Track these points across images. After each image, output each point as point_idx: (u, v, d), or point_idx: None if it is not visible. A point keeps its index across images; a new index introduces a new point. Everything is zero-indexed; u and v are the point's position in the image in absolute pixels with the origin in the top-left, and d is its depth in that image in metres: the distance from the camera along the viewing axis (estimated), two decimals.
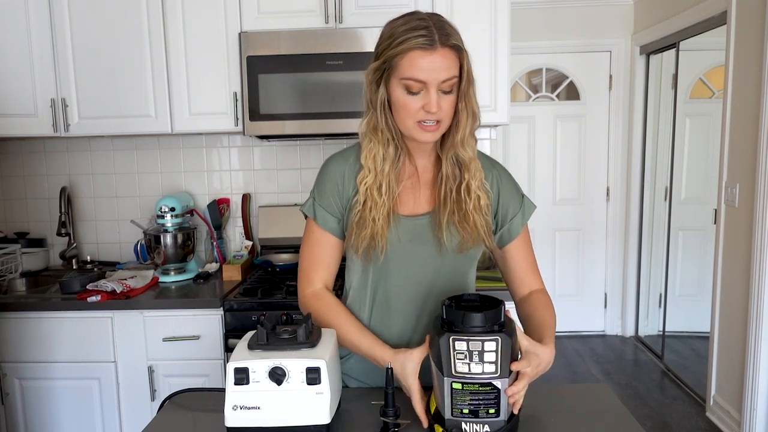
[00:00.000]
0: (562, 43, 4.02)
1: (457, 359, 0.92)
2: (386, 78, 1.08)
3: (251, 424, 0.94)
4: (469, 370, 0.91)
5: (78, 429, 2.08)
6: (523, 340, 0.99)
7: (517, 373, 0.95)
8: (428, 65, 1.03)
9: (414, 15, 1.08)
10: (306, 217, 1.22)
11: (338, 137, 2.47)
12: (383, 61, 1.07)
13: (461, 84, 1.07)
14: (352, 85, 2.12)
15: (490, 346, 0.91)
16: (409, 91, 1.06)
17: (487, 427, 0.92)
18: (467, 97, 1.08)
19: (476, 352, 0.91)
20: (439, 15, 1.09)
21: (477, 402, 0.92)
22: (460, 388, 0.92)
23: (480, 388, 0.92)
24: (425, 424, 1.00)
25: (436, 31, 1.03)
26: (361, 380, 1.25)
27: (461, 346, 0.92)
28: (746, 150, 2.59)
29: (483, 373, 0.91)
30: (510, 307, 1.14)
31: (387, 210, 1.12)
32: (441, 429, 0.95)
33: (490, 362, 0.91)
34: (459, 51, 1.06)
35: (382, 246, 1.12)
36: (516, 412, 0.95)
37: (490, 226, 1.17)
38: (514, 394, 0.93)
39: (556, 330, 1.12)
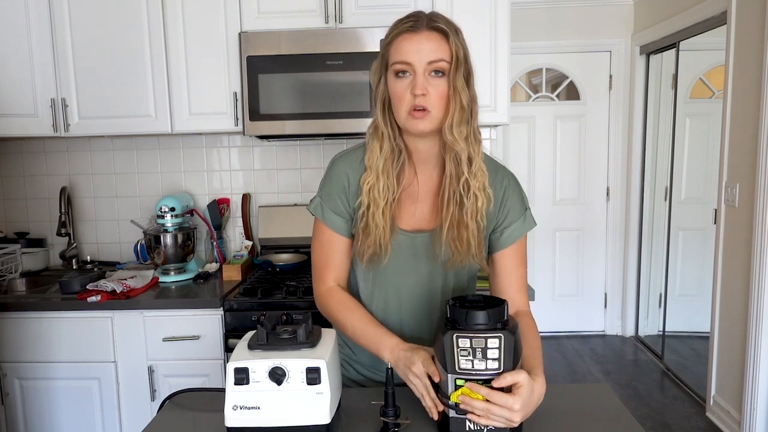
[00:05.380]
0: (562, 43, 4.02)
1: (461, 356, 0.91)
2: (384, 73, 1.11)
3: (251, 424, 0.94)
4: (473, 367, 0.91)
5: (78, 429, 2.08)
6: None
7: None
8: (412, 46, 1.05)
9: (413, 12, 1.10)
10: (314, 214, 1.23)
11: (338, 137, 2.47)
12: (381, 56, 1.11)
13: (450, 70, 1.07)
14: (352, 85, 2.12)
15: (493, 342, 0.91)
16: (399, 76, 1.07)
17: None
18: (455, 83, 1.06)
19: (479, 349, 0.91)
20: (439, 13, 1.10)
21: None
22: (464, 384, 0.92)
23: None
24: (436, 416, 0.97)
25: (424, 18, 1.07)
26: (366, 374, 1.26)
27: (465, 343, 0.92)
28: (746, 150, 2.59)
29: (486, 369, 0.91)
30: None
31: (390, 214, 1.13)
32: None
33: (494, 359, 0.91)
34: (446, 35, 1.06)
35: (386, 250, 1.13)
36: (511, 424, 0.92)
37: (482, 246, 1.16)
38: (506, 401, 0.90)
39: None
